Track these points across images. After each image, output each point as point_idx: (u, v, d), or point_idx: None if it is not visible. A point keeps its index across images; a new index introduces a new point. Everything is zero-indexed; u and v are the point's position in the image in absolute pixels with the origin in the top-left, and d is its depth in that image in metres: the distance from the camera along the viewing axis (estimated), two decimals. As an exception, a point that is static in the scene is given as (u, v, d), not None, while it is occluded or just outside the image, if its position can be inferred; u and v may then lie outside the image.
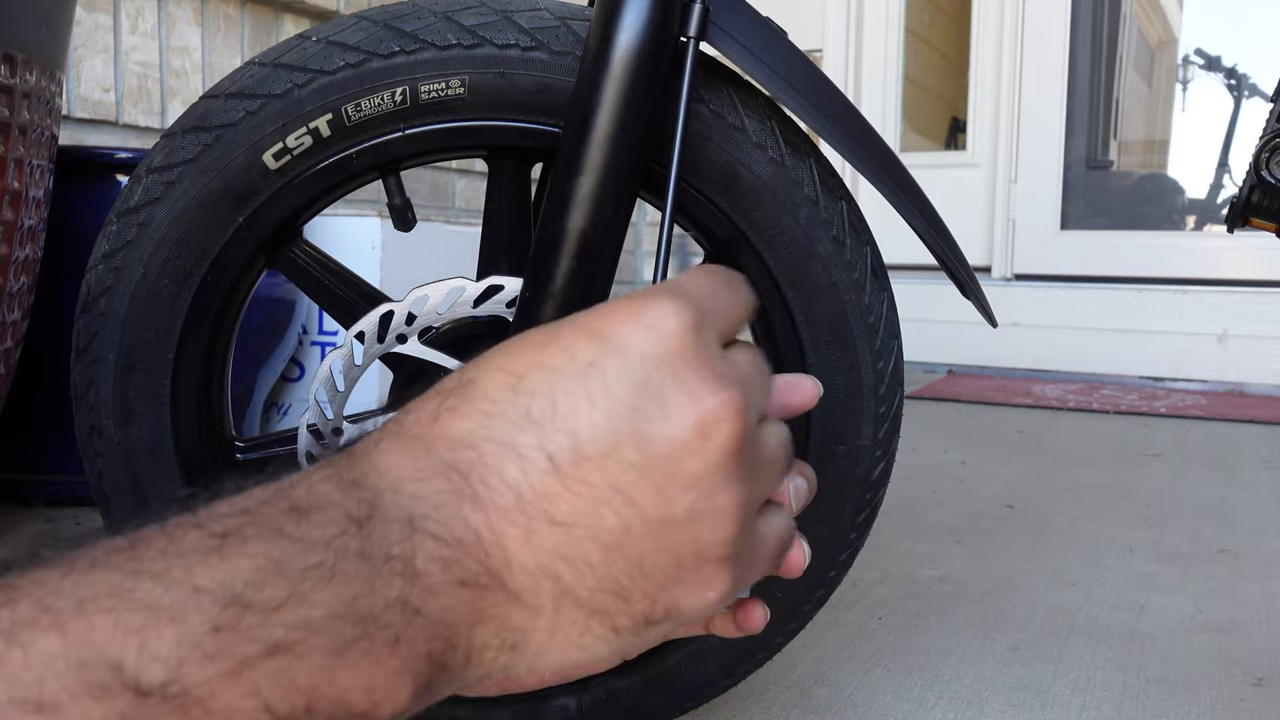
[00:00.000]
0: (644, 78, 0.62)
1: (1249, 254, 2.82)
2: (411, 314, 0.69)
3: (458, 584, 0.34)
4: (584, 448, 0.36)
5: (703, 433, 0.37)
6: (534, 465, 0.36)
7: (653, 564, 0.37)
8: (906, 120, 3.32)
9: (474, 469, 0.36)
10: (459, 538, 0.35)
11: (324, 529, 0.33)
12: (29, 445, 1.42)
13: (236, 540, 0.31)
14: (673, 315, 0.38)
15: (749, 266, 0.72)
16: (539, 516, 0.36)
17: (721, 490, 0.37)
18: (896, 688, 0.90)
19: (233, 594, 0.30)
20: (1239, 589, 1.18)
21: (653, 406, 0.37)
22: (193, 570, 0.30)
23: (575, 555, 0.36)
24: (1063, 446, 2.02)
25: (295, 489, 0.34)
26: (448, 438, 0.37)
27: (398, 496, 0.35)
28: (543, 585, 0.36)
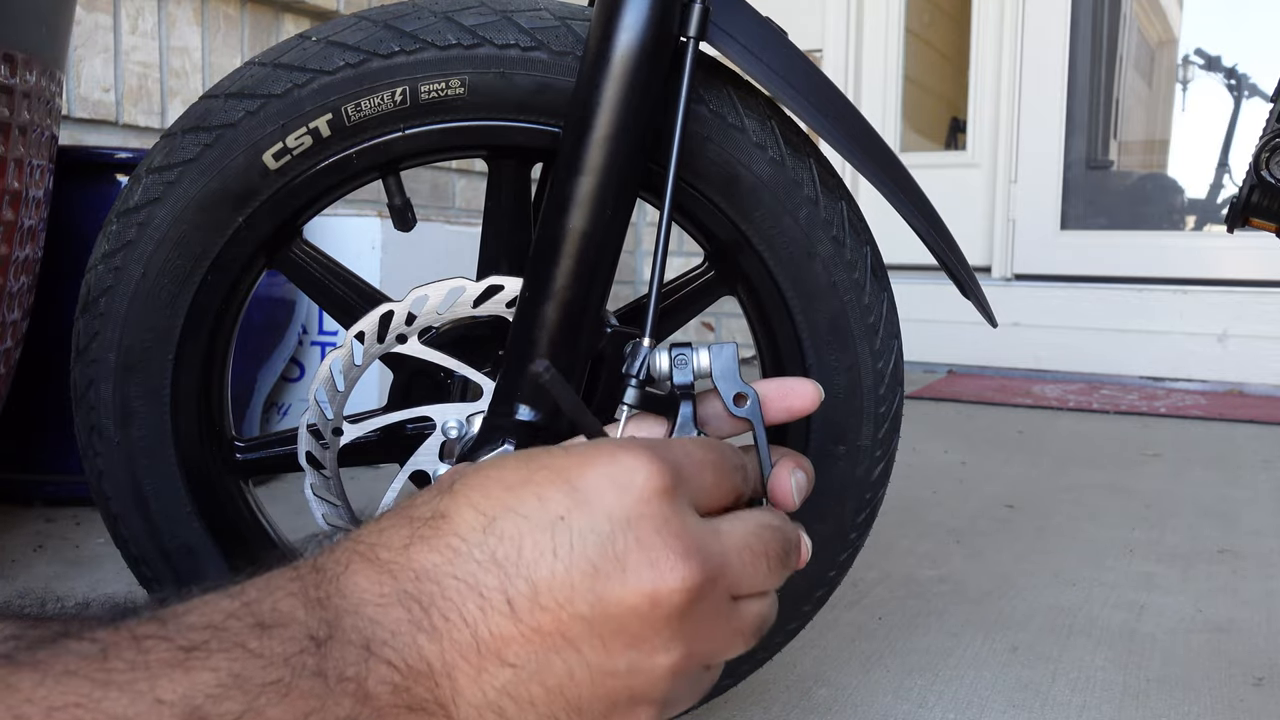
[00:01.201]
0: (644, 78, 0.62)
1: (1249, 254, 2.82)
2: (411, 314, 0.69)
3: (405, 709, 0.36)
4: (541, 597, 0.38)
5: (654, 601, 0.39)
6: (493, 607, 0.38)
7: (589, 706, 0.39)
8: (906, 120, 3.32)
9: (435, 603, 0.38)
10: (412, 666, 0.37)
11: (285, 645, 0.34)
12: (29, 445, 1.42)
13: (201, 654, 0.33)
14: (645, 475, 0.40)
15: (749, 266, 0.72)
16: (491, 656, 0.38)
17: (662, 652, 0.40)
18: (896, 688, 0.90)
19: (193, 706, 0.32)
20: (1239, 589, 1.18)
21: (612, 567, 0.38)
22: (157, 683, 0.32)
23: (521, 694, 0.38)
24: (1063, 446, 2.02)
25: (261, 604, 0.36)
26: (414, 569, 0.38)
27: (357, 619, 0.37)
28: (487, 718, 0.38)
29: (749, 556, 0.43)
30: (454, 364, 0.69)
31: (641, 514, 0.39)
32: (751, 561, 0.43)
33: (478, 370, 0.69)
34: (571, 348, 0.64)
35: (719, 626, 0.42)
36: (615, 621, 0.38)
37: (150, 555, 0.73)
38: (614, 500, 0.39)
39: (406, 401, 0.71)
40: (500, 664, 0.38)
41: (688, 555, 0.39)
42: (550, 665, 0.38)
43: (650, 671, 0.39)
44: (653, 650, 0.39)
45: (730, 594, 0.42)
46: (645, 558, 0.39)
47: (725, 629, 0.42)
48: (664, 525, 0.39)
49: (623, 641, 0.39)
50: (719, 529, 0.42)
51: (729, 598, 0.42)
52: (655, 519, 0.39)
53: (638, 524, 0.39)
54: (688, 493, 0.41)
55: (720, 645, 0.42)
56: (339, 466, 0.71)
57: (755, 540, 0.44)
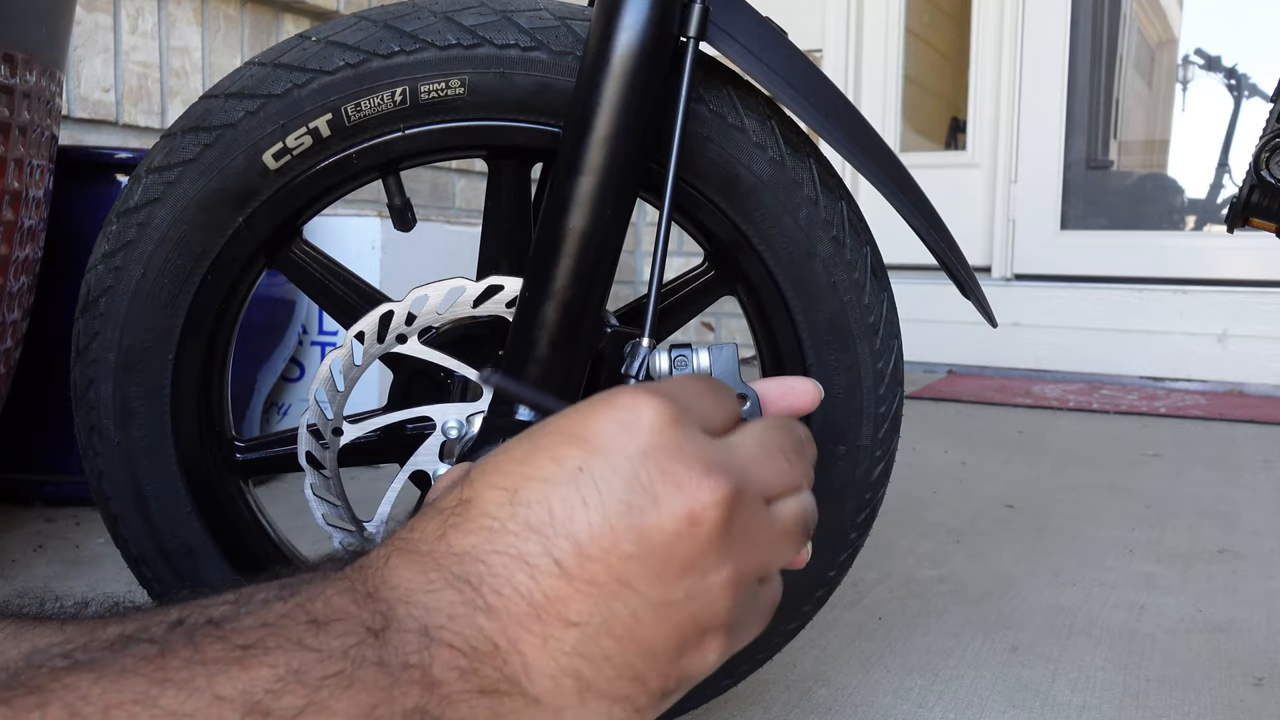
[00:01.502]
0: (644, 78, 0.62)
1: (1249, 254, 2.82)
2: (411, 314, 0.69)
3: (476, 693, 0.36)
4: (586, 548, 0.38)
5: (693, 520, 0.39)
6: (543, 571, 0.38)
7: (661, 645, 0.39)
8: (906, 120, 3.32)
9: (484, 580, 0.37)
10: (475, 646, 0.36)
11: (342, 639, 0.34)
12: (29, 445, 1.42)
13: (258, 651, 0.33)
14: (649, 410, 0.40)
15: (749, 266, 0.72)
16: (553, 619, 0.37)
17: (714, 569, 0.39)
18: (896, 688, 0.90)
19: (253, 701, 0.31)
20: (1239, 589, 1.18)
21: (644, 500, 0.39)
22: (215, 679, 0.31)
23: (593, 651, 0.38)
24: (1063, 446, 2.02)
25: (313, 602, 0.35)
26: (455, 553, 0.38)
27: (410, 608, 0.36)
28: (564, 684, 0.38)
29: (766, 458, 0.43)
30: (454, 364, 0.69)
31: (655, 444, 0.39)
32: (770, 462, 0.43)
33: (478, 370, 0.69)
34: (571, 348, 0.64)
35: (761, 532, 0.42)
36: (663, 551, 0.38)
37: (150, 555, 0.73)
38: (625, 439, 0.39)
39: (406, 401, 0.71)
40: (565, 625, 0.37)
41: (710, 471, 0.40)
42: (614, 612, 0.38)
43: (708, 593, 0.39)
44: (704, 570, 0.39)
45: (763, 498, 0.42)
46: (672, 483, 0.39)
47: (768, 534, 0.42)
48: (680, 450, 0.40)
49: (675, 569, 0.39)
50: (730, 443, 0.43)
51: (763, 503, 0.42)
52: (670, 446, 0.40)
53: (655, 454, 0.39)
54: (694, 418, 0.42)
55: (769, 552, 0.42)
56: (339, 466, 0.71)
57: (768, 442, 0.44)
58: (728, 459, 0.41)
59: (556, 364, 0.64)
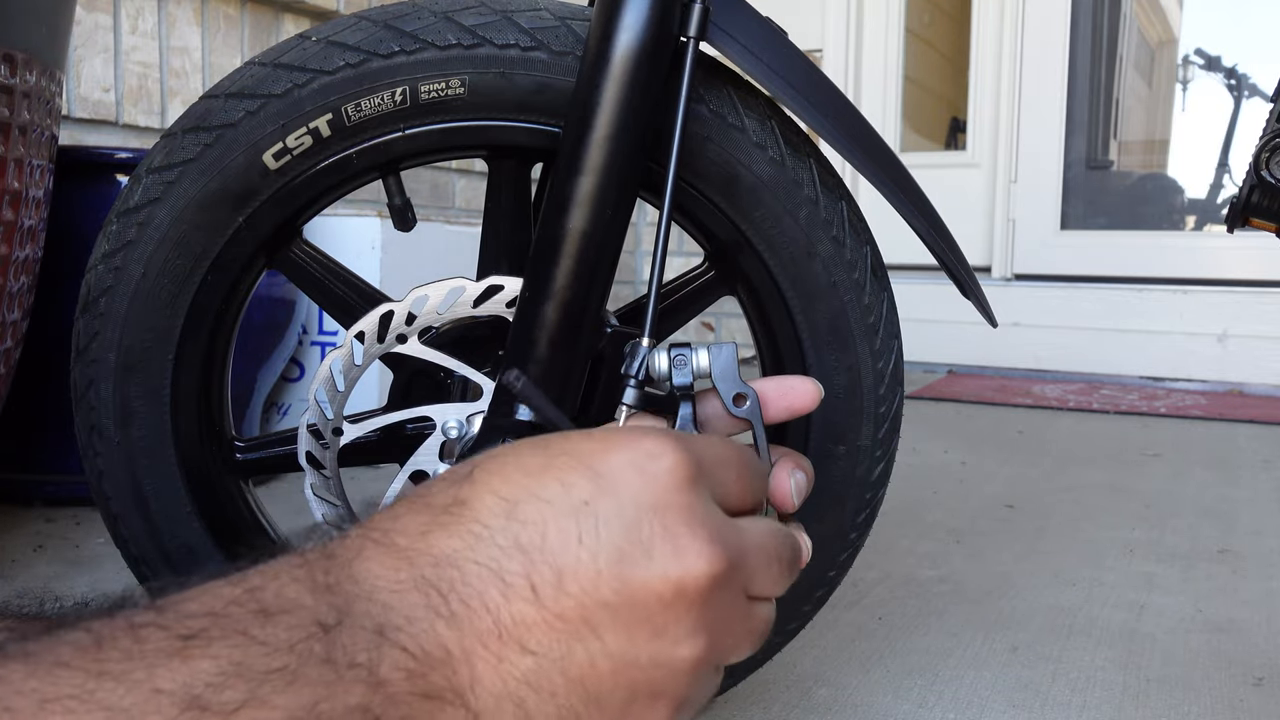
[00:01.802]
0: (644, 78, 0.62)
1: (1249, 254, 2.82)
2: (411, 314, 0.69)
3: (421, 696, 0.35)
4: (566, 583, 0.37)
5: (679, 589, 0.38)
6: (516, 593, 0.37)
7: (609, 698, 0.38)
8: (906, 120, 3.32)
9: (454, 588, 0.37)
10: (428, 652, 0.36)
11: (290, 632, 0.33)
12: (29, 445, 1.42)
13: (201, 642, 0.32)
14: (669, 464, 0.39)
15: (749, 266, 0.72)
16: (512, 643, 0.37)
17: (685, 644, 0.39)
18: (896, 688, 0.90)
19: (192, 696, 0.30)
20: (1239, 589, 1.18)
21: (638, 553, 0.38)
22: (154, 672, 0.31)
23: (542, 684, 0.37)
24: (1063, 446, 2.02)
25: (264, 591, 0.34)
26: (432, 554, 0.37)
27: (370, 605, 0.36)
28: (505, 708, 0.37)
29: (764, 556, 0.43)
30: (454, 364, 0.69)
31: (666, 501, 0.39)
32: (766, 562, 0.43)
33: (478, 370, 0.69)
34: (571, 348, 0.64)
35: (735, 622, 0.41)
36: (640, 609, 0.38)
37: (150, 555, 0.73)
38: (638, 486, 0.39)
39: (406, 401, 0.71)
40: (522, 651, 0.37)
41: (712, 542, 0.39)
42: (573, 653, 0.37)
43: (671, 664, 0.39)
44: (675, 641, 0.39)
45: (746, 590, 0.42)
46: (671, 545, 0.38)
47: (741, 626, 0.42)
48: (688, 513, 0.39)
49: (647, 630, 0.38)
50: (738, 525, 0.42)
51: (744, 595, 0.42)
52: (680, 507, 0.39)
53: (663, 511, 0.39)
54: (709, 485, 0.41)
55: (735, 643, 0.42)
56: (339, 466, 0.71)
57: (770, 541, 0.43)
58: (729, 537, 0.40)
59: (556, 364, 0.64)
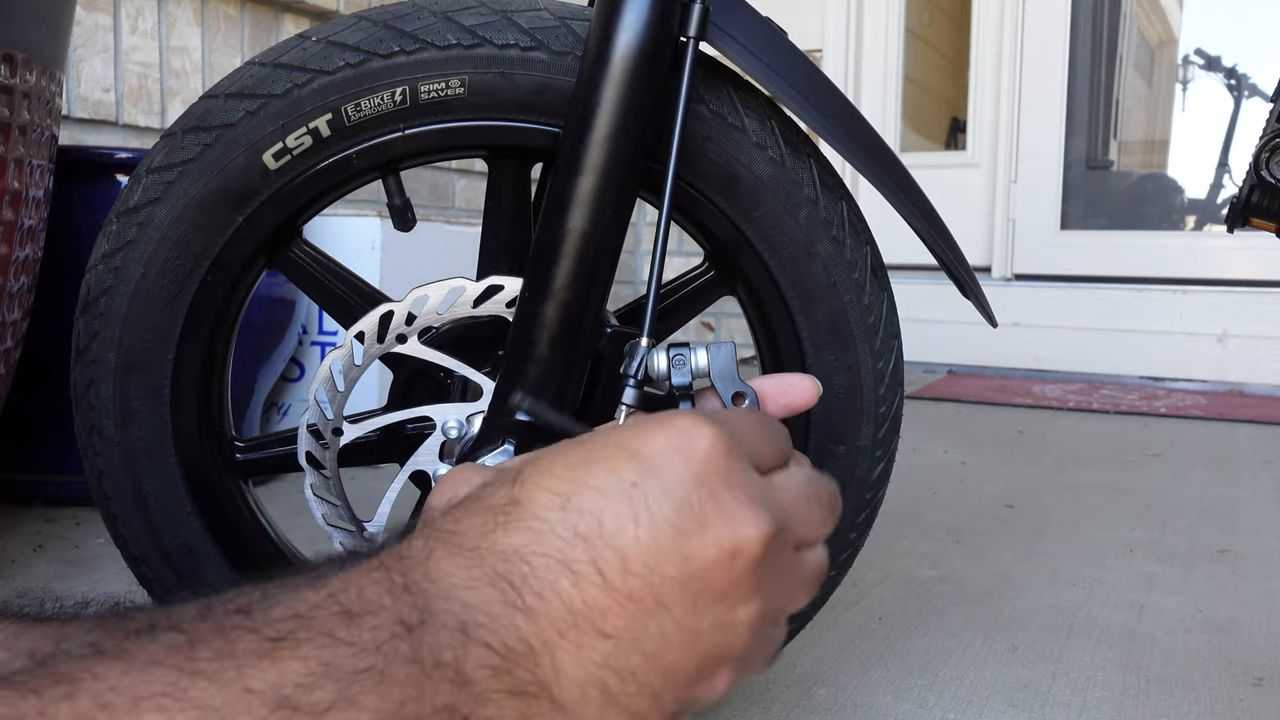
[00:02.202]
0: (644, 78, 0.62)
1: (1249, 254, 2.82)
2: (411, 314, 0.69)
3: (506, 693, 0.36)
4: (630, 563, 0.39)
5: (735, 553, 0.40)
6: (586, 579, 0.38)
7: (683, 669, 0.40)
8: (906, 120, 3.32)
9: (526, 581, 0.38)
10: (511, 647, 0.37)
11: (375, 633, 0.34)
12: (29, 445, 1.42)
13: (289, 644, 0.33)
14: (706, 438, 0.41)
15: (749, 266, 0.72)
16: (589, 629, 0.38)
17: (744, 604, 0.41)
18: (896, 688, 0.90)
19: (282, 696, 0.31)
20: (1239, 589, 1.18)
21: (692, 525, 0.39)
22: (245, 672, 0.31)
23: (622, 665, 0.38)
24: (1063, 446, 2.02)
25: (346, 593, 0.35)
26: (500, 551, 0.38)
27: (449, 603, 0.36)
28: (590, 695, 0.38)
29: (805, 505, 0.44)
30: (454, 364, 0.69)
31: (710, 472, 0.40)
32: (808, 510, 0.44)
33: (478, 370, 0.69)
34: (571, 348, 0.64)
35: (788, 576, 0.43)
36: (702, 578, 0.39)
37: (150, 555, 0.73)
38: (681, 464, 0.40)
39: (406, 401, 0.71)
40: (599, 635, 0.38)
41: (758, 507, 0.41)
42: (647, 630, 0.39)
43: (733, 626, 0.40)
44: (734, 603, 0.40)
45: (795, 544, 0.44)
46: (721, 513, 0.40)
47: (793, 579, 0.44)
48: (732, 482, 0.41)
49: (710, 597, 0.39)
50: (775, 483, 0.44)
51: (794, 547, 0.44)
52: (723, 477, 0.40)
53: (708, 483, 0.40)
54: (745, 453, 0.43)
55: (789, 596, 0.44)
56: (339, 466, 0.71)
57: (809, 489, 0.45)
58: (774, 497, 0.42)
59: (556, 364, 0.64)
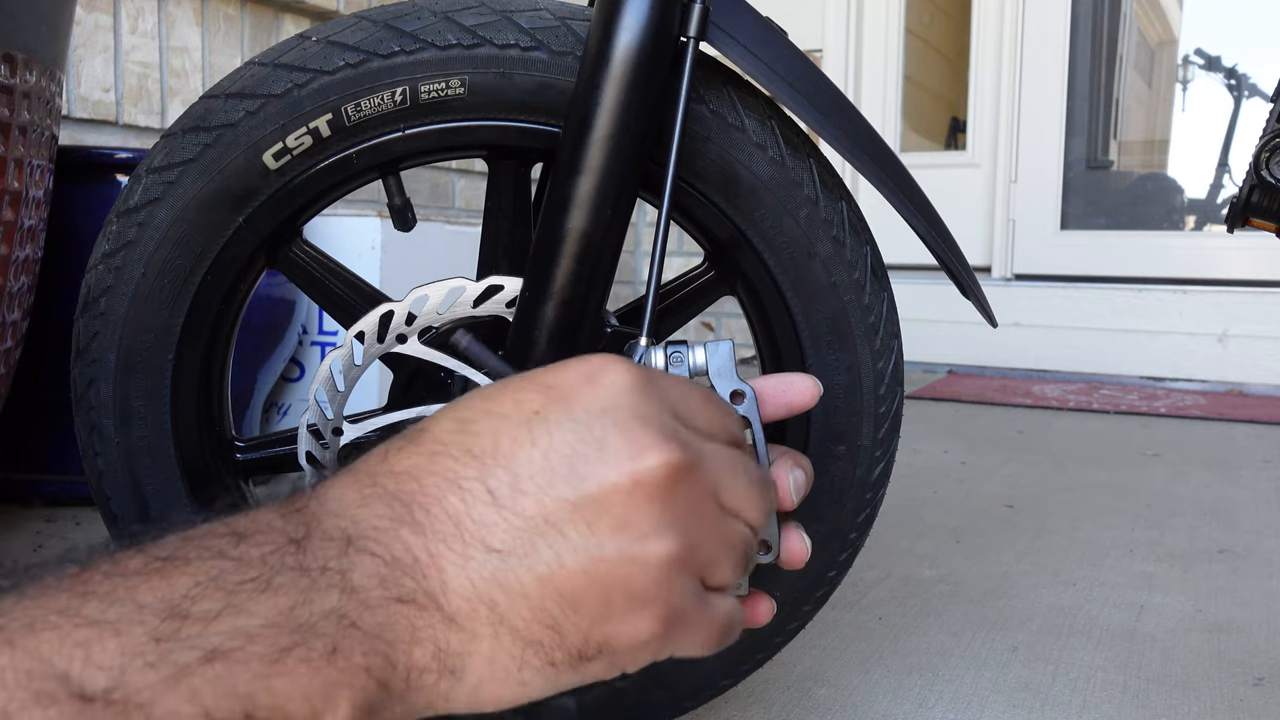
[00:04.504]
0: (644, 78, 0.62)
1: (1249, 254, 2.82)
2: (411, 314, 0.69)
3: (394, 600, 0.36)
4: (521, 483, 0.38)
5: (635, 478, 0.39)
6: (474, 496, 0.38)
7: (584, 600, 0.39)
8: (906, 120, 3.32)
9: (415, 498, 0.38)
10: (396, 557, 0.37)
11: (260, 548, 0.35)
12: (29, 445, 1.42)
13: (178, 561, 0.33)
14: (621, 374, 0.41)
15: (749, 266, 0.72)
16: (475, 543, 0.38)
17: (653, 539, 0.39)
18: (896, 688, 0.90)
19: (171, 606, 0.32)
20: (1239, 589, 1.18)
21: (591, 450, 0.39)
22: (135, 589, 0.32)
23: (511, 584, 0.38)
24: (1063, 446, 2.02)
25: (238, 519, 0.36)
26: (393, 472, 0.39)
27: (338, 520, 0.37)
28: (479, 610, 0.38)
29: (728, 465, 0.43)
30: (454, 364, 0.69)
31: (617, 404, 0.40)
32: (731, 471, 0.43)
33: (477, 370, 0.69)
34: (571, 348, 0.64)
35: (707, 526, 0.41)
36: (597, 501, 0.38)
37: (150, 555, 0.73)
38: (590, 393, 0.40)
39: (406, 401, 0.71)
40: (486, 550, 0.38)
41: (666, 438, 0.40)
42: (537, 550, 0.38)
43: (643, 560, 0.39)
44: (642, 535, 0.39)
45: (715, 495, 0.42)
46: (623, 439, 0.39)
47: (714, 532, 0.42)
48: (640, 415, 0.40)
49: (608, 522, 0.38)
50: (697, 434, 0.42)
51: (713, 498, 0.42)
52: (632, 409, 0.40)
53: (614, 412, 0.40)
54: (669, 399, 0.42)
55: (713, 552, 0.42)
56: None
57: (737, 458, 0.43)
58: (687, 437, 0.41)
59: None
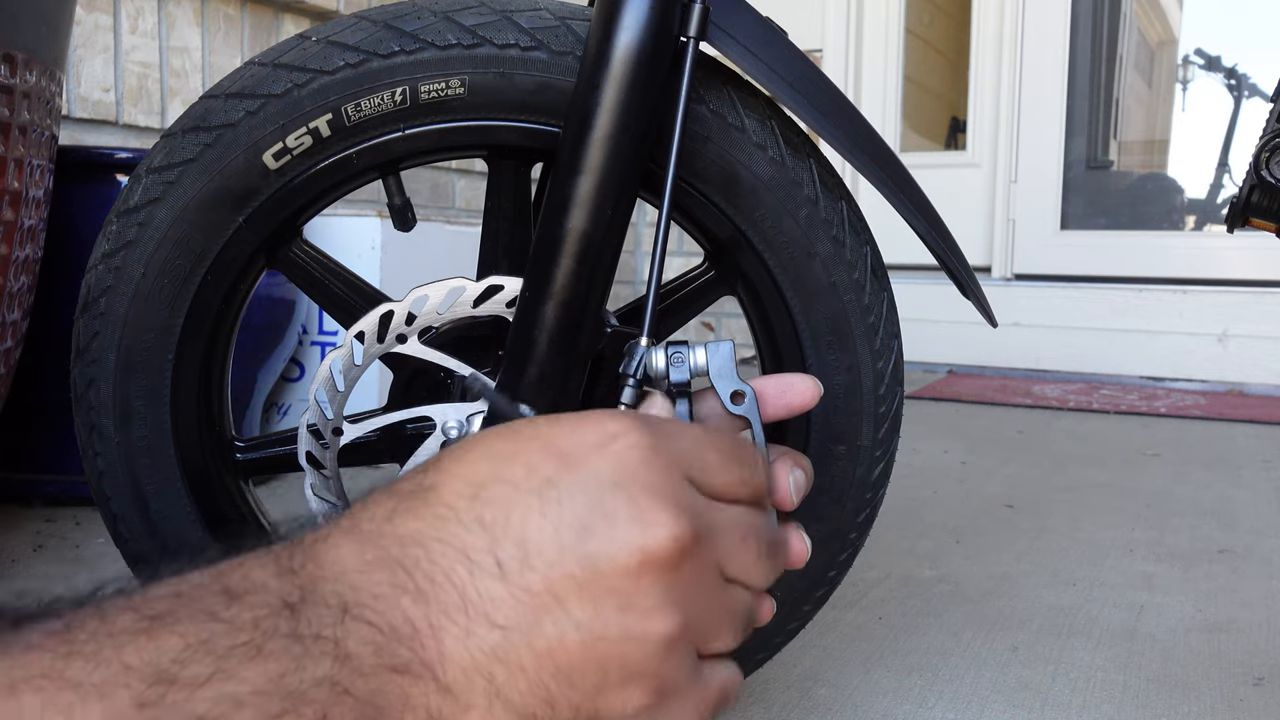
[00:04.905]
0: (644, 78, 0.62)
1: (1249, 254, 2.82)
2: (411, 314, 0.69)
3: (389, 669, 0.36)
4: (530, 557, 0.38)
5: (644, 557, 0.38)
6: (481, 568, 0.37)
7: (580, 675, 0.38)
8: (906, 120, 3.32)
9: (420, 566, 0.37)
10: (395, 627, 0.36)
11: (254, 611, 0.34)
12: (29, 445, 1.42)
13: (167, 621, 0.32)
14: (634, 441, 0.40)
15: (749, 266, 0.72)
16: (479, 617, 0.37)
17: (655, 617, 0.39)
18: (896, 688, 0.90)
19: (158, 671, 0.31)
20: (1239, 589, 1.18)
21: (601, 525, 0.38)
22: (122, 650, 0.31)
23: (511, 659, 0.37)
24: (1063, 446, 2.02)
25: (230, 575, 0.35)
26: (398, 535, 0.38)
27: (336, 585, 0.36)
28: (475, 683, 0.37)
29: (739, 534, 0.42)
30: (454, 364, 0.69)
31: (631, 476, 0.39)
32: (741, 540, 0.42)
33: (478, 370, 0.69)
34: (571, 348, 0.64)
35: (710, 600, 0.41)
36: (605, 580, 0.38)
37: (150, 555, 0.73)
38: (602, 463, 0.39)
39: (406, 401, 0.71)
40: (489, 625, 0.37)
41: (678, 513, 0.39)
42: (540, 626, 0.38)
43: (643, 639, 0.39)
44: (645, 614, 0.39)
45: (720, 568, 0.42)
46: (634, 514, 0.39)
47: (717, 605, 0.41)
48: (653, 486, 0.39)
49: (614, 602, 0.38)
50: (711, 502, 0.42)
51: (719, 574, 0.42)
52: (644, 480, 0.39)
53: (628, 485, 0.39)
54: (683, 464, 0.41)
55: (712, 624, 0.41)
56: (339, 466, 0.71)
57: (747, 521, 0.43)
58: (698, 509, 0.40)
59: (556, 364, 0.64)
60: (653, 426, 0.41)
